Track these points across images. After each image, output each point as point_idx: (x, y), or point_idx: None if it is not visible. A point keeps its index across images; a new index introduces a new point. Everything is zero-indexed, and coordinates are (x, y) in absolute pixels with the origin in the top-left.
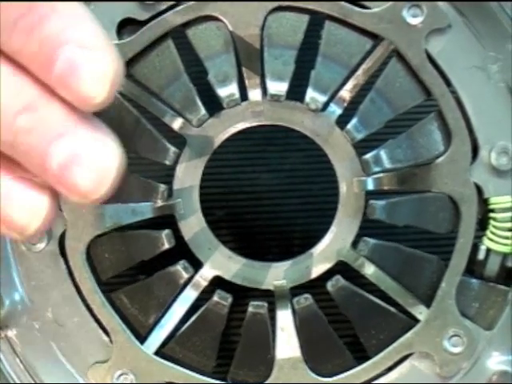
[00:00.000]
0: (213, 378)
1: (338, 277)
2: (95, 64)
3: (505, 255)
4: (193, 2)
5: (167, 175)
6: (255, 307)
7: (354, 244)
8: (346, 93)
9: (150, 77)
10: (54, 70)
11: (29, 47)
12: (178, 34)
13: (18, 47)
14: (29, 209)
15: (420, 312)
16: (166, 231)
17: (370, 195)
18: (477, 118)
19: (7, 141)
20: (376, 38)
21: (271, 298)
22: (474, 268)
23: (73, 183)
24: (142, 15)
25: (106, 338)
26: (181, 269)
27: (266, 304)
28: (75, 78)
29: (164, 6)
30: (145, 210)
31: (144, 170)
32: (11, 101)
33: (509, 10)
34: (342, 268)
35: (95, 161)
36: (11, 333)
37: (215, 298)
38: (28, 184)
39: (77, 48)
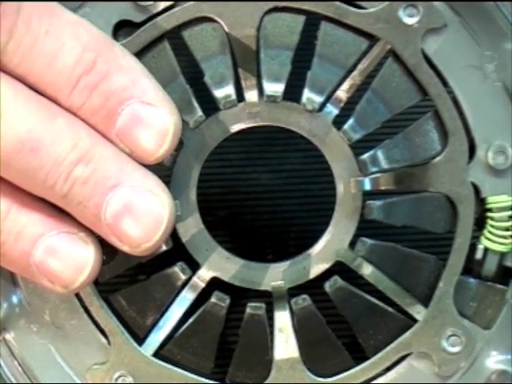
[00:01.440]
0: (211, 379)
1: (336, 277)
2: (157, 119)
3: (502, 254)
4: (188, 4)
5: (164, 176)
6: (253, 308)
7: (352, 244)
8: (342, 93)
9: None
10: (117, 124)
11: (91, 103)
12: (174, 36)
13: (80, 103)
14: (75, 264)
15: (418, 312)
16: None
17: (367, 195)
18: (473, 117)
19: (61, 192)
20: (372, 38)
21: (269, 298)
22: (471, 267)
23: (125, 233)
24: (138, 17)
25: (104, 340)
26: (178, 270)
27: (263, 305)
28: (138, 132)
29: (160, 7)
30: None
31: None
32: (68, 152)
33: (505, 9)
34: (339, 268)
35: (148, 210)
36: (9, 335)
37: (213, 299)
38: (74, 238)
39: (140, 103)
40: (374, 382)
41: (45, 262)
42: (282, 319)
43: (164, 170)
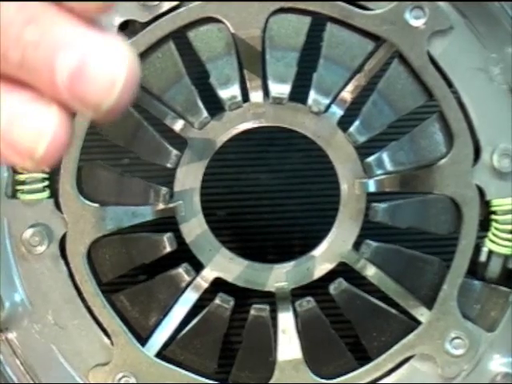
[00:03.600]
0: (214, 380)
1: (341, 279)
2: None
3: (506, 257)
4: (194, 4)
5: (168, 176)
6: (257, 310)
7: (356, 246)
8: (347, 94)
9: (151, 79)
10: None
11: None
12: (180, 36)
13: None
14: (34, 125)
15: (421, 314)
16: (168, 234)
17: (372, 197)
18: (479, 119)
19: (15, 60)
20: (378, 40)
21: (272, 299)
22: (475, 270)
23: (83, 94)
24: (143, 17)
25: (106, 341)
26: (183, 272)
27: (267, 307)
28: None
29: (165, 7)
30: (145, 212)
31: (145, 172)
32: (15, 14)
33: (510, 12)
34: (342, 269)
35: (102, 68)
36: (12, 335)
37: (217, 300)
38: (33, 101)
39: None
40: (378, 383)
41: (7, 132)
42: (286, 320)
43: (167, 172)
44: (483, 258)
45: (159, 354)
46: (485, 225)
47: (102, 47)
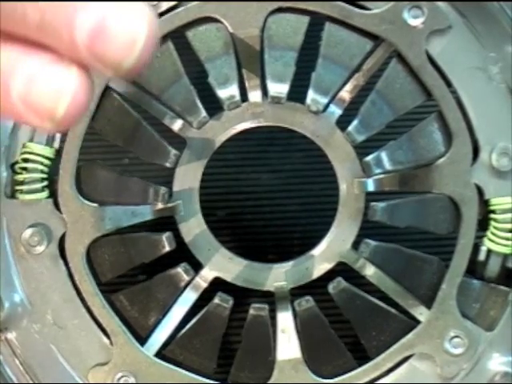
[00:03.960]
0: (214, 379)
1: (340, 279)
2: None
3: (505, 256)
4: (192, 4)
5: (167, 176)
6: (256, 309)
7: (355, 245)
8: (346, 94)
9: (149, 79)
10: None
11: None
12: (178, 36)
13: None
14: (54, 85)
15: (421, 313)
16: (167, 234)
17: (371, 196)
18: (477, 119)
19: (34, 20)
20: (376, 39)
21: (272, 298)
22: (474, 269)
23: (103, 52)
24: None
25: (106, 340)
26: (182, 271)
27: (267, 306)
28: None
29: (164, 7)
30: (144, 212)
31: (144, 172)
32: None
33: (509, 11)
34: (342, 268)
35: (122, 25)
36: (11, 335)
37: (216, 300)
38: (54, 64)
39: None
40: (377, 382)
41: (27, 93)
42: (285, 320)
43: (166, 171)
44: (482, 257)
45: (158, 354)
46: (484, 224)
47: (121, 5)
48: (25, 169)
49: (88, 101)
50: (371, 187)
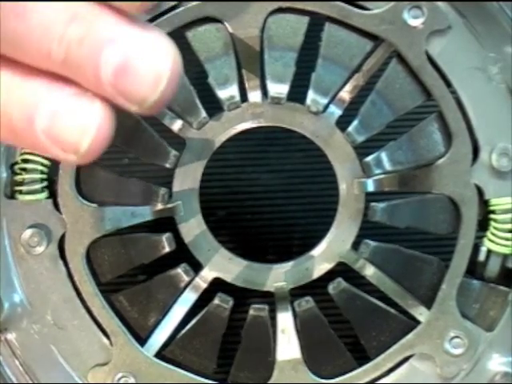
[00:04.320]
0: (213, 380)
1: (340, 279)
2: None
3: (505, 256)
4: (192, 4)
5: (167, 176)
6: (256, 310)
7: (355, 246)
8: (345, 94)
9: None
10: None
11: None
12: (178, 36)
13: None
14: (78, 120)
15: (420, 313)
16: (167, 234)
17: (370, 196)
18: (477, 119)
19: (59, 58)
20: (376, 40)
21: (271, 299)
22: (474, 269)
23: (128, 89)
24: (142, 17)
25: (106, 341)
26: (182, 272)
27: (266, 307)
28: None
29: (163, 7)
30: (144, 212)
31: (144, 172)
32: (58, 12)
33: (509, 11)
34: (341, 268)
35: (147, 63)
36: (11, 336)
37: (216, 301)
38: (77, 98)
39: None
40: (377, 382)
41: (51, 127)
42: (285, 320)
43: (166, 172)
44: (482, 257)
45: (158, 354)
46: (483, 224)
47: (146, 43)
48: (24, 169)
49: (112, 133)
50: (371, 187)
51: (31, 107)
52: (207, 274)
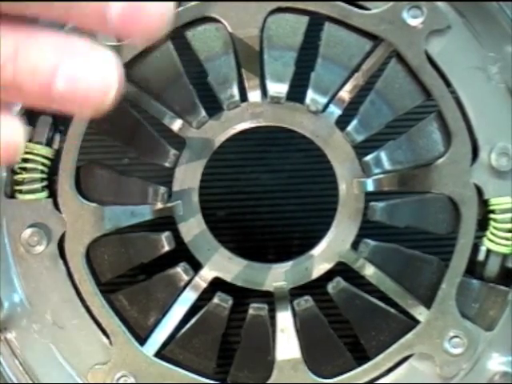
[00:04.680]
0: (213, 379)
1: (339, 279)
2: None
3: (505, 256)
4: (192, 3)
5: (167, 176)
6: (256, 309)
7: (354, 245)
8: (345, 94)
9: (149, 79)
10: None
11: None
12: (178, 36)
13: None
14: (101, 81)
15: (420, 313)
16: (166, 233)
17: (370, 196)
18: (477, 118)
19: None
20: (376, 39)
21: (271, 298)
22: (474, 269)
23: (139, 25)
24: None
25: (105, 340)
26: (181, 271)
27: (266, 306)
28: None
29: None
30: (144, 211)
31: (143, 172)
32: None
33: (509, 11)
34: (341, 268)
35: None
36: (11, 335)
37: (216, 300)
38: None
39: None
40: (376, 382)
41: (70, 90)
42: (284, 320)
43: (166, 171)
44: (481, 257)
45: (158, 354)
46: (483, 224)
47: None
48: (24, 169)
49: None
50: (371, 187)
51: (46, 73)
52: (207, 274)
